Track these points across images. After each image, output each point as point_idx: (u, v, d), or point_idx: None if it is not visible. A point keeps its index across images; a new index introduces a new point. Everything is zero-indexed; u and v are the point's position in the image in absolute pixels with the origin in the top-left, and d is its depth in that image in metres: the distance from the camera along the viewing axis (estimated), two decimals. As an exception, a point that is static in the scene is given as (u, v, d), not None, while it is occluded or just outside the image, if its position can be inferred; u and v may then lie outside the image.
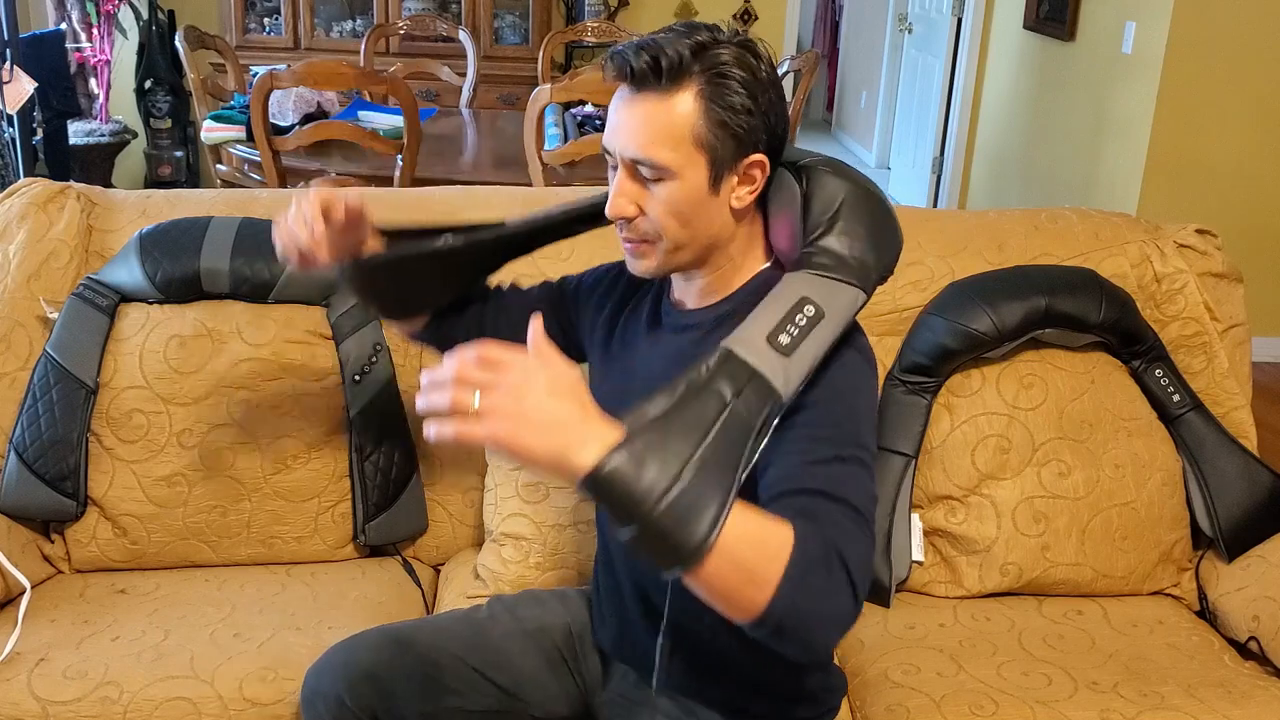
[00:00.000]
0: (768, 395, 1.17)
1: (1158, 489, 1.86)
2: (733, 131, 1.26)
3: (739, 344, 1.20)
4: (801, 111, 3.85)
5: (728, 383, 1.16)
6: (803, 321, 1.23)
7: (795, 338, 1.22)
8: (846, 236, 1.31)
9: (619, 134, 1.28)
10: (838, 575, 1.10)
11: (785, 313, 1.23)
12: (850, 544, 1.12)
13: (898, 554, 1.81)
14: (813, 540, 1.09)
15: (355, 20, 5.52)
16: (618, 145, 1.28)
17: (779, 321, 1.22)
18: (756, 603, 1.06)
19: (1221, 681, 1.63)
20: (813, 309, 1.24)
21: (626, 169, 1.29)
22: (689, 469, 1.06)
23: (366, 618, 1.69)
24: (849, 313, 1.28)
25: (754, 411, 1.16)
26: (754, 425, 1.15)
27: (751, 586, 1.06)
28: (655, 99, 1.25)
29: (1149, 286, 1.99)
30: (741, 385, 1.16)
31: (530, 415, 1.01)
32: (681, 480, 1.05)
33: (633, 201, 1.29)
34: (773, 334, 1.21)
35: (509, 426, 1.01)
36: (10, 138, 3.79)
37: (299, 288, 1.88)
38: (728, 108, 1.25)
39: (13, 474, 1.79)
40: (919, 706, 1.55)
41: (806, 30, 9.31)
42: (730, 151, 1.27)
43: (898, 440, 1.85)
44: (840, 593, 1.10)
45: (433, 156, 3.41)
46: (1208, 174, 4.22)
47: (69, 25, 5.13)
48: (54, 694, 1.51)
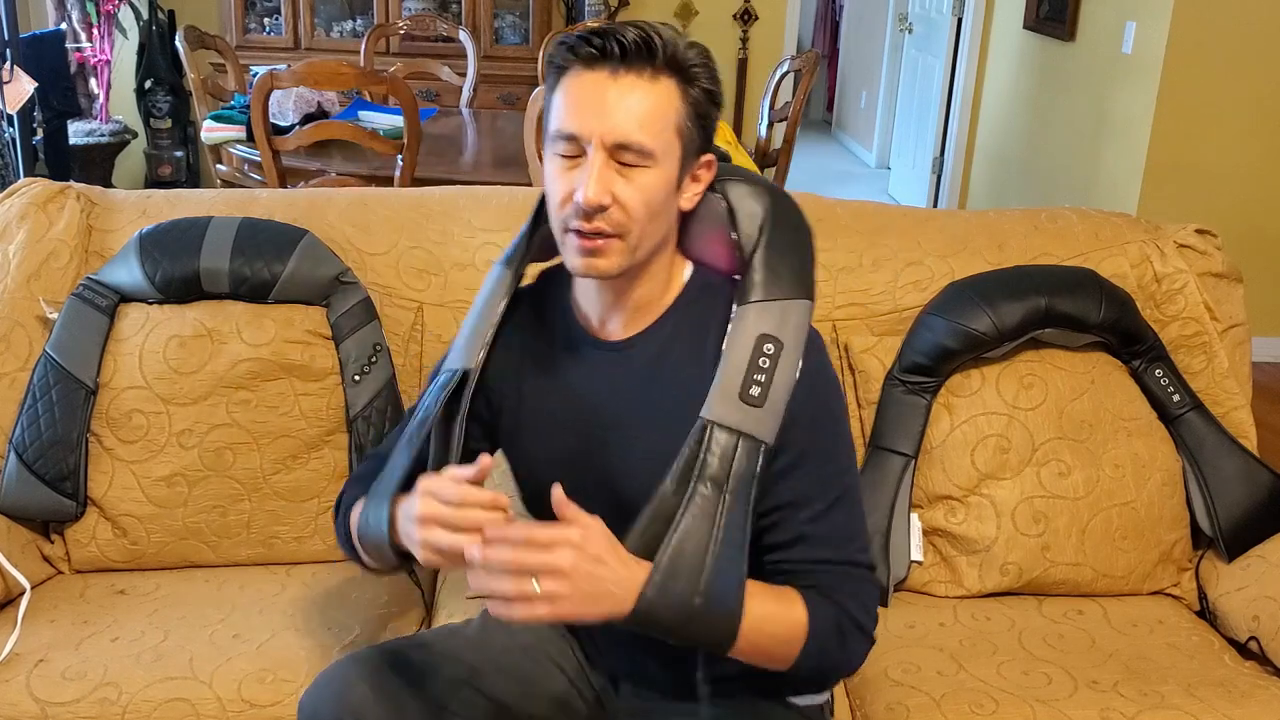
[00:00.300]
0: (755, 449, 1.25)
1: (1158, 489, 1.86)
2: (701, 125, 1.26)
3: (716, 413, 1.25)
4: (801, 111, 3.85)
5: (718, 460, 1.24)
6: (766, 365, 1.27)
7: (764, 384, 1.26)
8: (780, 250, 1.33)
9: (603, 117, 1.21)
10: (852, 638, 1.28)
11: (748, 362, 1.27)
12: (858, 602, 1.28)
13: (896, 554, 1.81)
14: (824, 618, 1.26)
15: (355, 20, 5.53)
16: (600, 128, 1.21)
17: (745, 374, 1.26)
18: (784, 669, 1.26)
19: (1221, 681, 1.63)
20: (771, 346, 1.28)
21: (606, 153, 1.22)
22: (708, 571, 1.20)
23: (366, 618, 1.70)
24: (805, 328, 1.31)
25: (747, 470, 1.25)
26: (750, 478, 1.25)
27: (778, 660, 1.26)
28: (643, 81, 1.22)
29: (1149, 286, 1.99)
30: (730, 453, 1.24)
31: (584, 589, 1.15)
32: (704, 581, 1.20)
33: (609, 190, 1.22)
34: (743, 390, 1.26)
35: (569, 606, 1.15)
36: (10, 138, 3.79)
37: (299, 288, 1.88)
38: (700, 101, 1.25)
39: (12, 474, 1.79)
40: (919, 705, 1.55)
41: (806, 30, 9.31)
42: (696, 146, 1.27)
43: (897, 440, 1.85)
44: (855, 648, 1.29)
45: (433, 156, 3.41)
46: (1208, 174, 4.22)
47: (69, 25, 5.13)
48: (53, 695, 1.51)
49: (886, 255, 1.99)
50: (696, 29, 6.02)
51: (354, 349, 1.87)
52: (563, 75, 1.26)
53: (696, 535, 1.21)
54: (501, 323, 1.40)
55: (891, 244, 2.00)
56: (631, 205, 1.23)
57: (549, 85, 1.29)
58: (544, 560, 1.14)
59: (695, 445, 1.25)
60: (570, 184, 1.24)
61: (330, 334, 1.89)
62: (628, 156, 1.22)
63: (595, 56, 1.22)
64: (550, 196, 1.28)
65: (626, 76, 1.21)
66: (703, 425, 1.25)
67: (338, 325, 1.89)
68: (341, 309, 1.89)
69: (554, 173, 1.26)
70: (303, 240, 1.90)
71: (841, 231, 2.00)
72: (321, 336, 1.88)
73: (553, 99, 1.27)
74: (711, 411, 1.25)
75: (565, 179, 1.24)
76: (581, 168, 1.23)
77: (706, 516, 1.22)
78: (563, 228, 1.26)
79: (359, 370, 1.86)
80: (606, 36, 1.21)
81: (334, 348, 1.88)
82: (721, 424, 1.25)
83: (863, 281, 1.97)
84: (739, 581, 1.21)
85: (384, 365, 1.89)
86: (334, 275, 1.90)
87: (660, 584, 1.19)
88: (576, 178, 1.23)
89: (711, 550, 1.21)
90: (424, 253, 1.97)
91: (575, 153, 1.23)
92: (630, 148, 1.21)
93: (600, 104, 1.21)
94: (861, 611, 1.28)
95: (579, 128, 1.22)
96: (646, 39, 1.21)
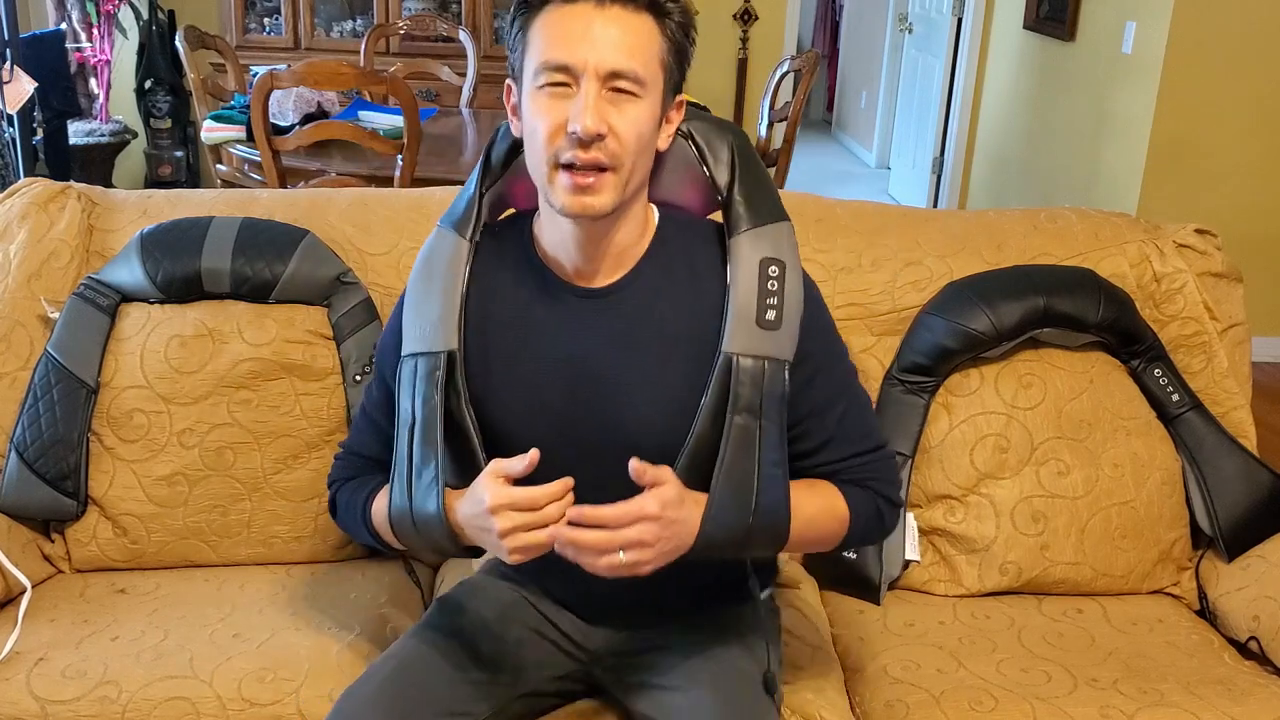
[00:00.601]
0: (781, 369, 1.32)
1: (1157, 488, 1.86)
2: (680, 64, 1.30)
3: (738, 344, 1.31)
4: (801, 111, 3.85)
5: (748, 389, 1.30)
6: (774, 287, 1.32)
7: (778, 306, 1.32)
8: (754, 180, 1.38)
9: (597, 45, 1.21)
10: (887, 513, 1.44)
11: (758, 288, 1.32)
12: (885, 482, 1.44)
13: (890, 552, 1.81)
14: (863, 505, 1.40)
15: (355, 20, 5.53)
16: (593, 57, 1.21)
17: (758, 299, 1.32)
18: (833, 550, 1.44)
19: (1221, 679, 1.63)
20: (775, 267, 1.33)
21: (600, 83, 1.22)
22: (757, 493, 1.29)
23: (366, 618, 1.70)
24: (795, 246, 1.37)
25: (779, 392, 1.31)
26: (781, 399, 1.32)
27: (827, 546, 1.42)
28: (630, 13, 1.24)
29: (1148, 286, 1.99)
30: (760, 380, 1.30)
31: (662, 550, 1.25)
32: (756, 503, 1.29)
33: (604, 119, 1.22)
34: (759, 315, 1.31)
35: (649, 566, 1.25)
36: (10, 138, 3.79)
37: (300, 288, 1.88)
38: (680, 39, 1.29)
39: (13, 473, 1.79)
40: (918, 702, 1.55)
41: (806, 30, 9.31)
42: (674, 84, 1.30)
43: (895, 440, 1.85)
44: (889, 518, 1.45)
45: (433, 156, 3.41)
46: (1208, 174, 4.23)
47: (69, 25, 5.13)
48: (53, 693, 1.51)
49: (886, 255, 1.99)
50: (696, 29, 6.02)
51: (355, 349, 1.88)
52: (538, 11, 1.26)
53: (743, 464, 1.28)
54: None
55: (891, 244, 2.00)
56: (625, 135, 1.24)
57: (519, 23, 1.29)
58: (627, 536, 1.22)
59: (723, 379, 1.30)
60: (560, 114, 1.23)
61: (331, 334, 1.89)
62: (621, 84, 1.23)
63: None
64: (535, 133, 1.26)
65: (612, 7, 1.23)
66: (727, 359, 1.30)
67: (339, 325, 1.89)
68: (342, 309, 1.89)
69: (540, 108, 1.25)
70: (304, 240, 1.90)
71: (841, 231, 2.01)
72: (322, 336, 1.88)
73: (530, 34, 1.27)
74: (733, 344, 1.30)
75: (555, 110, 1.23)
76: (572, 99, 1.23)
77: (748, 445, 1.29)
78: (552, 164, 1.25)
79: (360, 370, 1.87)
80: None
81: (335, 348, 1.88)
82: (744, 353, 1.30)
83: (862, 281, 1.97)
84: (785, 495, 1.31)
85: (384, 365, 1.89)
86: (335, 275, 1.90)
87: (715, 517, 1.27)
88: (567, 109, 1.22)
89: (758, 474, 1.29)
90: (424, 252, 1.97)
91: (566, 82, 1.23)
92: (624, 75, 1.22)
93: (589, 34, 1.22)
94: (890, 488, 1.44)
95: (571, 57, 1.22)
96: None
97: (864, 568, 1.81)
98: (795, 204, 2.03)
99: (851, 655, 1.71)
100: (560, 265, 1.37)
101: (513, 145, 1.41)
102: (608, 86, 1.23)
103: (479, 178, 1.41)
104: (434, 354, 1.35)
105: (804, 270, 1.38)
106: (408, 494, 1.35)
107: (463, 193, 1.43)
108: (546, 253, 1.38)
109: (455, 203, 1.42)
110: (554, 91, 1.24)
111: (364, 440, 1.53)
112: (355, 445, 1.54)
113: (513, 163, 1.41)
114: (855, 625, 1.77)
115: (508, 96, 1.36)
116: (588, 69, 1.22)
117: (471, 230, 1.40)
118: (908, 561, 1.85)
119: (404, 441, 1.37)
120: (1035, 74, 5.30)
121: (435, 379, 1.34)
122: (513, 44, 1.31)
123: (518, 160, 1.39)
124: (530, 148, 1.28)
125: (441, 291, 1.37)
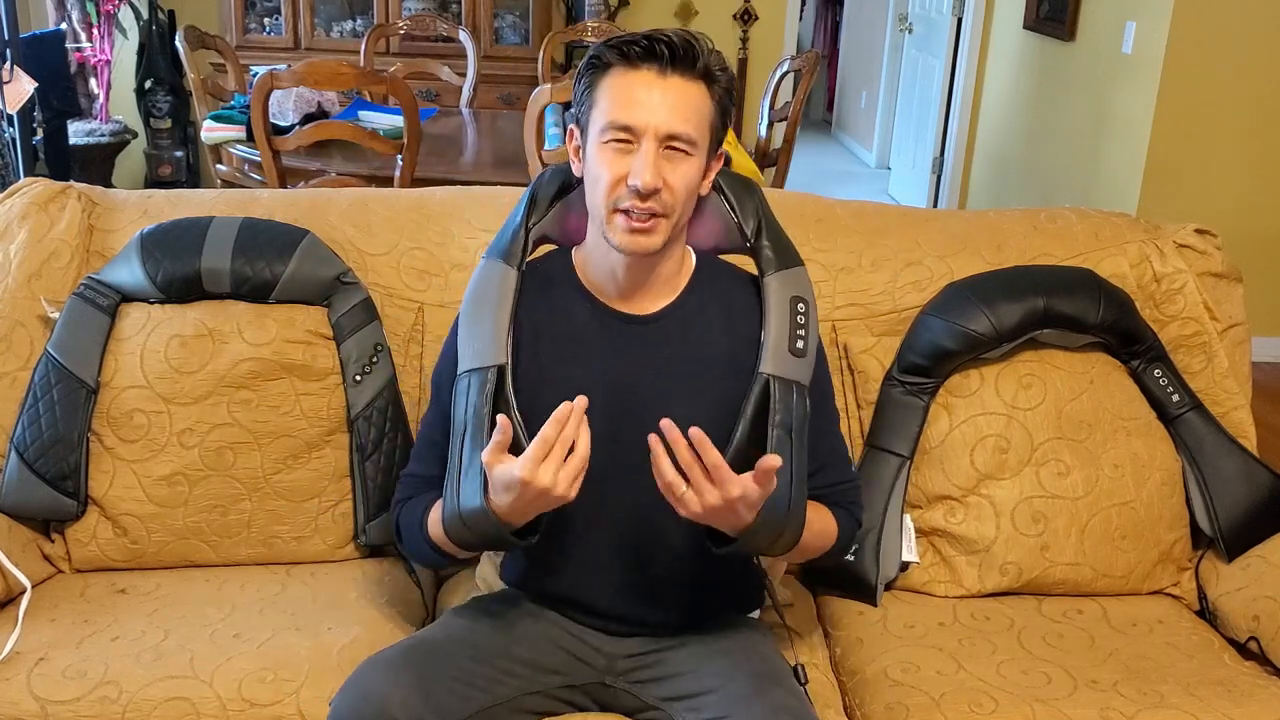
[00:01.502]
0: (804, 394, 1.49)
1: (1157, 489, 1.86)
2: (722, 123, 1.46)
3: (774, 367, 1.47)
4: (801, 111, 3.85)
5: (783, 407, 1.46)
6: (802, 320, 1.51)
7: (805, 338, 1.51)
8: (774, 227, 1.59)
9: (658, 110, 1.39)
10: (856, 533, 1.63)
11: (789, 321, 1.50)
12: (858, 509, 1.63)
13: (887, 554, 1.82)
14: (846, 526, 1.58)
15: (355, 20, 5.53)
16: (655, 121, 1.38)
17: (790, 331, 1.50)
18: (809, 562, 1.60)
19: (1221, 680, 1.63)
20: (803, 305, 1.53)
21: (658, 143, 1.39)
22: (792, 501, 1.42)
23: (367, 618, 1.70)
24: (812, 287, 1.56)
25: (805, 413, 1.48)
26: (805, 420, 1.48)
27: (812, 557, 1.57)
28: (687, 81, 1.41)
29: (1148, 286, 1.99)
30: (790, 400, 1.47)
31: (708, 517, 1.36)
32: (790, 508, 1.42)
33: (660, 175, 1.40)
34: (790, 344, 1.49)
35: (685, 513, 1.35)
36: (10, 138, 3.79)
37: (300, 288, 1.88)
38: (726, 102, 1.46)
39: (13, 473, 1.79)
40: (918, 704, 1.55)
41: (806, 30, 9.31)
42: (718, 141, 1.48)
43: (894, 441, 1.85)
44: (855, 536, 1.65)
45: (433, 156, 3.41)
46: (1208, 174, 4.23)
47: (69, 25, 5.13)
48: (53, 693, 1.51)
49: (886, 255, 1.99)
50: (696, 29, 6.00)
51: (355, 349, 1.88)
52: (606, 72, 1.43)
53: (782, 474, 1.39)
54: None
55: (891, 244, 2.00)
56: (677, 188, 1.42)
57: (588, 80, 1.45)
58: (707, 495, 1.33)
59: (761, 397, 1.46)
60: (622, 168, 1.41)
61: (331, 334, 1.89)
62: (677, 144, 1.40)
63: (641, 56, 1.40)
64: (598, 180, 1.43)
65: (673, 77, 1.40)
66: (765, 380, 1.47)
67: (339, 325, 1.89)
68: (343, 309, 1.89)
69: (605, 160, 1.42)
70: (304, 240, 1.90)
71: (841, 231, 2.01)
72: (322, 336, 1.88)
73: (598, 93, 1.44)
74: (770, 366, 1.47)
75: (617, 164, 1.41)
76: (633, 155, 1.40)
77: (784, 454, 1.42)
78: (610, 209, 1.43)
79: (360, 370, 1.87)
80: (655, 41, 1.40)
81: (335, 348, 1.88)
82: (778, 376, 1.47)
83: (862, 282, 1.97)
84: (805, 504, 1.45)
85: (385, 365, 1.89)
86: (335, 275, 1.90)
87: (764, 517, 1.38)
88: (629, 163, 1.40)
89: (792, 480, 1.43)
90: (424, 253, 1.97)
91: (628, 140, 1.40)
92: (679, 138, 1.40)
93: (651, 99, 1.39)
94: (860, 511, 1.64)
95: (634, 120, 1.39)
96: (690, 45, 1.41)
97: (860, 570, 1.81)
98: (795, 204, 2.04)
99: (851, 657, 1.71)
100: (606, 293, 1.53)
101: (561, 186, 1.58)
102: (664, 145, 1.40)
103: (525, 213, 1.57)
104: (485, 369, 1.48)
105: None
106: (456, 495, 1.45)
107: (507, 226, 1.57)
108: (593, 281, 1.54)
109: (500, 236, 1.57)
110: (618, 147, 1.41)
111: (422, 460, 1.62)
112: (414, 468, 1.65)
113: (559, 200, 1.58)
114: (854, 627, 1.77)
115: (570, 139, 1.53)
116: (648, 131, 1.39)
117: (520, 260, 1.54)
118: (905, 563, 1.85)
119: (456, 450, 1.47)
120: (1035, 74, 5.30)
121: (486, 390, 1.46)
122: (580, 98, 1.47)
123: (567, 198, 1.58)
124: (592, 191, 1.45)
125: (493, 313, 1.51)
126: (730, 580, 1.61)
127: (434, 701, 1.38)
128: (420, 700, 1.37)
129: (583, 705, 1.55)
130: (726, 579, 1.60)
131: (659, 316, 1.52)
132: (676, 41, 1.40)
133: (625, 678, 1.54)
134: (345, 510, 1.87)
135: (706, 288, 1.55)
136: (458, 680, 1.43)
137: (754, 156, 3.85)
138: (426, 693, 1.38)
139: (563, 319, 1.53)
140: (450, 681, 1.42)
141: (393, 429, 1.87)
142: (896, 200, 6.73)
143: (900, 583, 1.86)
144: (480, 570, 1.82)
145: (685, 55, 1.40)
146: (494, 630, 1.53)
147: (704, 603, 1.58)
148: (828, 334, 1.95)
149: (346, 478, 1.86)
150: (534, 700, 1.50)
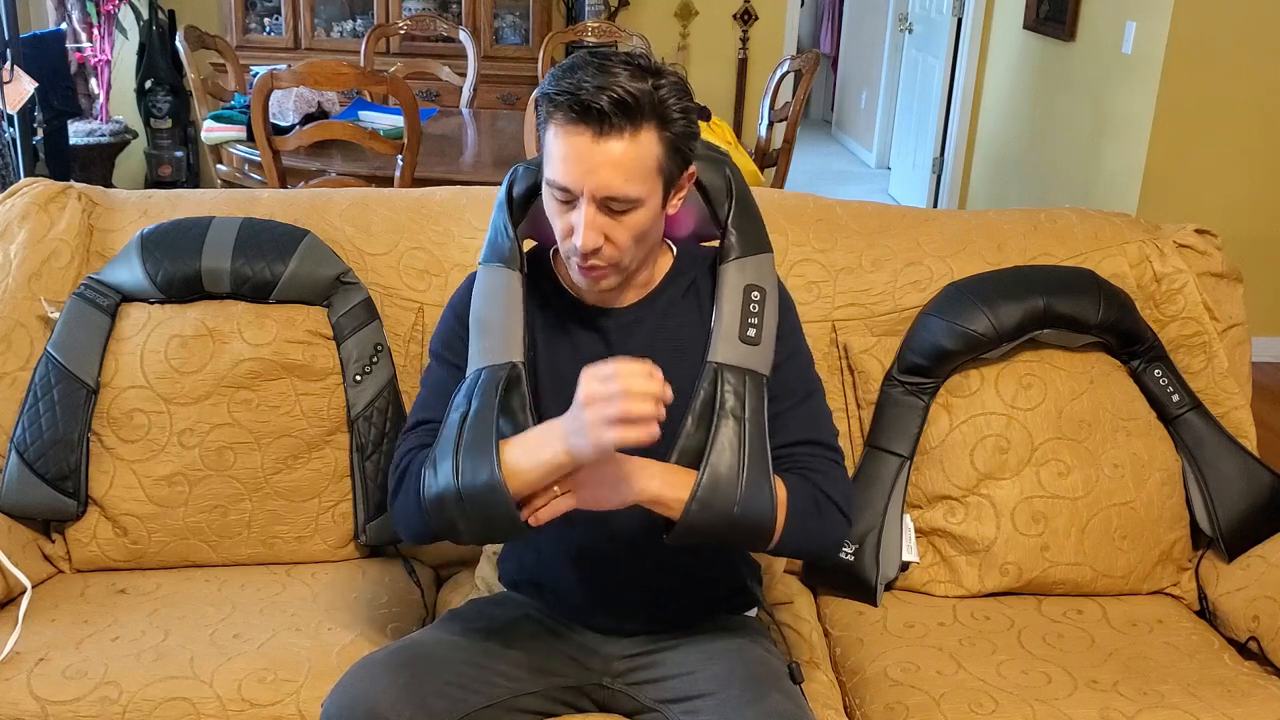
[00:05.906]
0: (760, 381, 1.45)
1: (1157, 489, 1.86)
2: (681, 154, 1.39)
3: (722, 356, 1.45)
4: (801, 111, 3.85)
5: (732, 396, 1.43)
6: (755, 309, 1.49)
7: (758, 326, 1.48)
8: (745, 213, 1.55)
9: (591, 175, 1.32)
10: (828, 514, 1.47)
11: (741, 309, 1.48)
12: (831, 482, 1.48)
13: (887, 554, 1.82)
14: (802, 496, 1.45)
15: (355, 20, 5.53)
16: (589, 185, 1.33)
17: (740, 319, 1.47)
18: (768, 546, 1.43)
19: (1221, 680, 1.63)
20: (758, 292, 1.50)
21: (596, 205, 1.35)
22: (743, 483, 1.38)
23: (366, 618, 1.70)
24: (774, 274, 1.53)
25: (759, 400, 1.44)
26: (762, 407, 1.44)
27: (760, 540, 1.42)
28: (622, 138, 1.32)
29: (1148, 286, 1.99)
30: (742, 389, 1.44)
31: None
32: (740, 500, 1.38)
33: (601, 233, 1.36)
34: (741, 332, 1.47)
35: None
36: (10, 138, 3.79)
37: (300, 288, 1.88)
38: (678, 135, 1.37)
39: (13, 473, 1.80)
40: (918, 704, 1.55)
41: (806, 30, 9.31)
42: (678, 171, 1.41)
43: (893, 441, 1.85)
44: (831, 522, 1.47)
45: (433, 156, 3.41)
46: (1208, 174, 4.23)
47: (69, 25, 5.13)
48: (53, 694, 1.51)
49: (886, 255, 1.99)
50: (696, 29, 6.02)
51: (355, 349, 1.88)
52: (550, 119, 1.35)
53: (728, 462, 1.38)
54: None
55: (891, 244, 2.00)
56: (622, 243, 1.38)
57: (540, 116, 1.38)
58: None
59: (710, 386, 1.44)
60: (569, 222, 1.38)
61: (331, 334, 1.89)
62: (615, 205, 1.35)
63: (579, 116, 1.31)
64: (553, 227, 1.41)
65: (609, 138, 1.32)
66: (714, 369, 1.44)
67: (339, 325, 1.89)
68: (343, 309, 1.90)
69: (553, 210, 1.40)
70: (304, 240, 1.90)
71: (841, 231, 2.01)
72: (323, 336, 1.88)
73: (545, 137, 1.37)
74: (718, 355, 1.45)
75: (564, 218, 1.38)
76: (576, 210, 1.36)
77: (732, 447, 1.40)
78: (566, 253, 1.41)
79: (360, 370, 1.87)
80: (587, 107, 1.30)
81: (335, 348, 1.88)
82: (727, 364, 1.45)
83: (862, 282, 1.97)
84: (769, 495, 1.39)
85: (385, 365, 1.89)
86: (335, 275, 1.90)
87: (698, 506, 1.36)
88: (573, 218, 1.37)
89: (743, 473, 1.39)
90: (424, 253, 1.97)
91: (569, 198, 1.36)
92: (617, 199, 1.34)
93: (587, 163, 1.33)
94: (836, 491, 1.48)
95: (570, 182, 1.34)
96: (622, 102, 1.30)
97: (860, 569, 1.81)
98: (795, 204, 2.04)
99: (851, 657, 1.71)
100: (581, 290, 1.50)
101: (532, 185, 1.53)
102: (605, 205, 1.35)
103: (507, 219, 1.54)
104: (499, 365, 1.46)
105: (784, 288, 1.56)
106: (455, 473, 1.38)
107: (494, 232, 1.55)
108: (569, 278, 1.52)
109: (491, 242, 1.55)
110: (562, 204, 1.38)
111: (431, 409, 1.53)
112: (426, 415, 1.54)
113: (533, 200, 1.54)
114: (855, 627, 1.77)
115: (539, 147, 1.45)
116: (584, 193, 1.34)
117: (520, 263, 1.53)
118: (905, 563, 1.85)
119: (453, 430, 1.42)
120: (1035, 74, 5.30)
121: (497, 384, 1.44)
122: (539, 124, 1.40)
123: (539, 200, 1.50)
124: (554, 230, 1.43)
125: (505, 314, 1.49)
126: (712, 579, 1.60)
127: (424, 703, 1.38)
128: (410, 701, 1.37)
129: (581, 706, 1.55)
130: (708, 576, 1.59)
131: (633, 310, 1.52)
132: (618, 97, 1.30)
133: (622, 679, 1.54)
134: (345, 510, 1.87)
135: (683, 279, 1.54)
136: (449, 682, 1.43)
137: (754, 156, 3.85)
138: (416, 694, 1.38)
139: (546, 314, 1.54)
140: (441, 683, 1.42)
141: (393, 429, 1.87)
142: (896, 200, 6.73)
143: (900, 583, 1.86)
144: (480, 570, 1.82)
145: (627, 112, 1.31)
146: (488, 632, 1.54)
147: (687, 604, 1.58)
148: (828, 334, 1.95)
149: (347, 478, 1.87)
150: (532, 701, 1.51)
